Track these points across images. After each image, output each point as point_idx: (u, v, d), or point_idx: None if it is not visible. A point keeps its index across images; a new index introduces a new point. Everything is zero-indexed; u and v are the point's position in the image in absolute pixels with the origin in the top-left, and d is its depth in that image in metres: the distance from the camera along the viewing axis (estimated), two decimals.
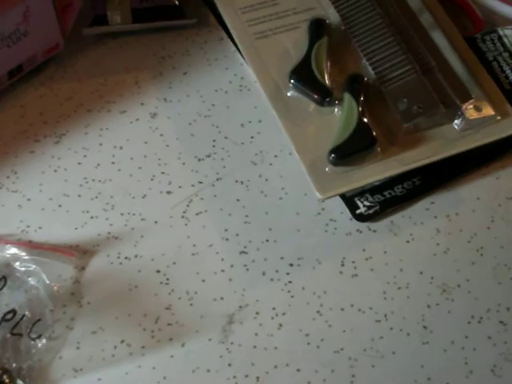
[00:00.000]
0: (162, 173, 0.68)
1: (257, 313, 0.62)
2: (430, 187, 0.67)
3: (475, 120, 0.66)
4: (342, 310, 0.62)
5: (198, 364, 0.60)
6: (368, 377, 0.60)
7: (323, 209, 0.66)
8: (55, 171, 0.67)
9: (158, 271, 0.63)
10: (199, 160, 0.68)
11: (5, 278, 0.61)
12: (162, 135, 0.69)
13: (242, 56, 0.70)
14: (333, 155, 0.63)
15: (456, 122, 0.66)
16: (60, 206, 0.66)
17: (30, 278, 0.61)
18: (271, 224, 0.66)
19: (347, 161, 0.63)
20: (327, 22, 0.70)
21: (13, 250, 0.62)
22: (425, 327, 0.62)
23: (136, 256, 0.64)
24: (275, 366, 0.60)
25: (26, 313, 0.60)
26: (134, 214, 0.66)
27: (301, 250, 0.64)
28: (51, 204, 0.66)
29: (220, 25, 0.75)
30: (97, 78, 0.73)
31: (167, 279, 0.63)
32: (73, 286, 0.62)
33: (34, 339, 0.59)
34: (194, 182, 0.67)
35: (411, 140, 0.65)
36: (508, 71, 0.70)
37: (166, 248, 0.64)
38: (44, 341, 0.60)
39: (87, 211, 0.66)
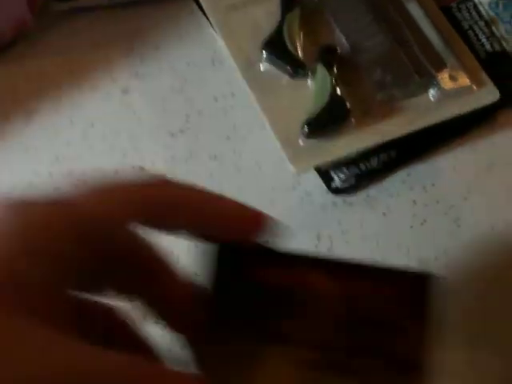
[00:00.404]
0: (135, 149, 0.67)
1: None
2: (406, 159, 0.66)
3: (451, 90, 0.65)
4: None
5: None
6: None
7: (298, 183, 0.65)
8: (25, 150, 0.66)
9: None
10: (172, 135, 0.67)
11: None
12: (133, 111, 0.68)
13: (214, 29, 0.69)
14: (306, 128, 0.62)
15: (431, 91, 0.65)
16: (31, 184, 0.65)
17: None
18: (245, 199, 0.64)
19: (321, 133, 0.62)
20: None
21: None
22: None
23: None
24: None
25: None
26: None
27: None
28: (21, 183, 0.65)
29: None
30: (67, 55, 0.71)
31: None
32: None
33: None
34: (166, 158, 0.66)
35: (386, 111, 0.64)
36: (484, 40, 0.69)
37: None
38: None
39: (57, 189, 0.65)
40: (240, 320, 0.42)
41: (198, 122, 0.68)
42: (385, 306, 0.43)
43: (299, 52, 0.66)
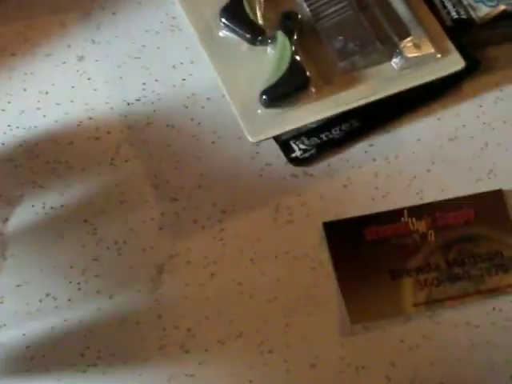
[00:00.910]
0: (90, 118, 0.65)
1: (188, 262, 0.60)
2: (369, 129, 0.65)
3: (414, 58, 0.63)
4: (276, 257, 0.60)
5: (127, 316, 0.58)
6: (303, 326, 0.58)
7: (258, 153, 0.64)
8: None
9: (85, 221, 0.61)
10: (128, 104, 0.65)
11: None
12: (89, 79, 0.66)
13: None
14: (264, 96, 0.60)
15: (394, 60, 0.63)
16: None
17: None
18: (203, 169, 0.63)
19: (280, 102, 0.61)
20: None
21: None
22: None
23: (62, 206, 0.61)
24: (206, 317, 0.58)
25: None
26: (60, 162, 0.63)
27: (234, 197, 0.62)
28: None
29: None
30: (21, 20, 0.69)
31: (94, 229, 0.60)
32: None
33: None
34: (122, 128, 0.64)
35: (348, 79, 0.62)
36: (450, 7, 0.67)
37: (94, 197, 0.62)
38: None
39: (10, 160, 0.63)
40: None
41: (155, 90, 0.66)
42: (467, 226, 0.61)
43: (259, 18, 0.64)
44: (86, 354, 0.57)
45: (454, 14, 0.67)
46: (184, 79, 0.66)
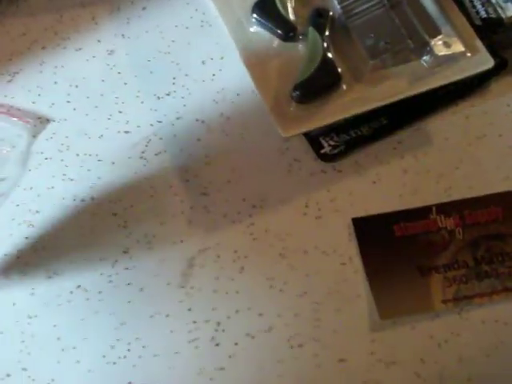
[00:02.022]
0: (120, 112, 0.65)
1: (218, 256, 0.60)
2: (397, 126, 0.65)
3: (444, 56, 0.63)
4: (306, 252, 0.60)
5: (157, 309, 0.58)
6: (332, 320, 0.58)
7: (287, 148, 0.64)
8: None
9: (115, 214, 0.61)
10: (158, 98, 0.66)
11: None
12: (119, 73, 0.67)
13: None
14: (296, 92, 0.60)
15: (424, 58, 0.63)
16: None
17: None
18: (233, 164, 0.63)
19: (311, 98, 0.61)
20: None
21: None
22: None
23: (92, 198, 0.62)
24: (237, 311, 0.58)
25: None
26: (90, 155, 0.63)
27: (264, 191, 0.62)
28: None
29: None
30: (52, 14, 0.69)
31: (124, 222, 0.61)
32: (27, 230, 0.60)
33: None
34: (152, 122, 0.65)
35: (378, 77, 0.63)
36: (479, 6, 0.67)
37: (124, 190, 0.62)
38: None
39: (41, 152, 0.63)
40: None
41: (185, 85, 0.66)
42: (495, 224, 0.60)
43: (290, 15, 0.64)
44: (117, 346, 0.57)
45: (482, 13, 0.67)
46: (214, 74, 0.67)
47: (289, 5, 0.64)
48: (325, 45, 0.62)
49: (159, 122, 0.65)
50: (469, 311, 0.59)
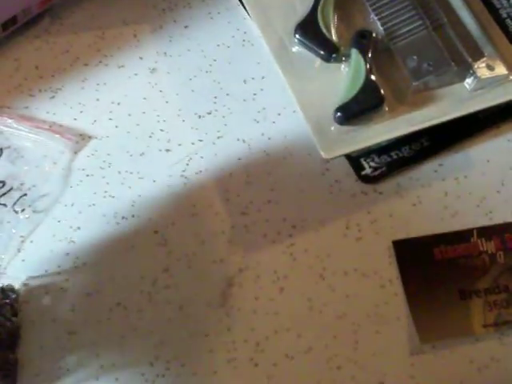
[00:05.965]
0: (161, 130, 0.65)
1: (257, 276, 0.60)
2: (439, 149, 0.65)
3: (487, 79, 0.63)
4: (346, 274, 0.60)
5: (196, 328, 0.58)
6: (372, 343, 0.58)
7: (328, 169, 0.64)
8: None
9: (156, 232, 0.61)
10: (199, 117, 0.66)
11: (1, 150, 0.61)
12: (161, 91, 0.67)
13: (246, 10, 0.68)
14: (339, 114, 0.60)
15: (467, 80, 0.63)
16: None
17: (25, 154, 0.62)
18: (273, 184, 0.63)
19: (354, 120, 0.61)
20: None
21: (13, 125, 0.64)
22: None
23: (133, 216, 0.62)
24: (275, 331, 0.58)
25: (15, 186, 0.61)
26: (131, 173, 0.64)
27: (304, 212, 0.62)
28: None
29: None
30: (94, 31, 0.70)
31: (165, 240, 0.61)
32: (68, 246, 0.60)
33: (17, 212, 0.60)
34: (193, 140, 0.65)
35: (420, 99, 0.62)
36: None
37: (164, 208, 0.62)
38: (27, 214, 0.60)
39: (83, 169, 0.64)
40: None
41: (226, 104, 0.66)
42: None
43: (333, 35, 0.64)
44: (156, 365, 0.57)
45: None
46: (255, 94, 0.67)
47: (332, 26, 0.64)
48: (367, 66, 0.62)
49: (200, 140, 0.65)
50: (509, 336, 0.58)
